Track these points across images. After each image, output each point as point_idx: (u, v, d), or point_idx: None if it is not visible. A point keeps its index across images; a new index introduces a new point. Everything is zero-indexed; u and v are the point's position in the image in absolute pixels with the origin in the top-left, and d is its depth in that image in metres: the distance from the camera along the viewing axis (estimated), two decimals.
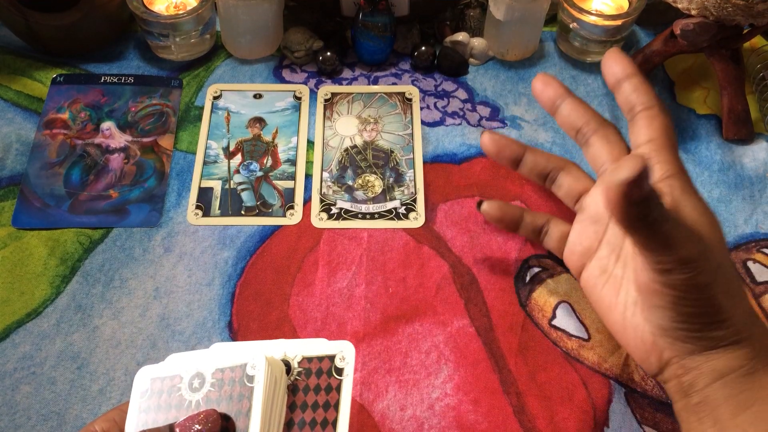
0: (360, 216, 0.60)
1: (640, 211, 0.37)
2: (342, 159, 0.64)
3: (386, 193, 0.62)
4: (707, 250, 0.40)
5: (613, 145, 0.48)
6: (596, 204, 0.48)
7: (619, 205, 0.36)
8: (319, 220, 0.60)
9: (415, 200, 0.61)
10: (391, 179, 0.62)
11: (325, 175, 0.63)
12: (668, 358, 0.43)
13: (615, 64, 0.47)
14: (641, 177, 0.35)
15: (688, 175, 0.44)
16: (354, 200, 0.61)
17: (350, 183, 0.62)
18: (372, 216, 0.60)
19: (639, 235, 0.38)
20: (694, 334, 0.41)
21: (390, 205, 0.61)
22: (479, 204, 0.55)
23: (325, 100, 0.67)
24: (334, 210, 0.60)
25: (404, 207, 0.61)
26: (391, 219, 0.60)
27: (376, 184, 0.62)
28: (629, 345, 0.45)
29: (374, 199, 0.61)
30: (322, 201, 0.61)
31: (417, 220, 0.60)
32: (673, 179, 0.43)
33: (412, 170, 0.63)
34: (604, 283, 0.46)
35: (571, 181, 0.51)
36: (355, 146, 0.64)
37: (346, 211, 0.60)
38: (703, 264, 0.39)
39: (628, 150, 0.47)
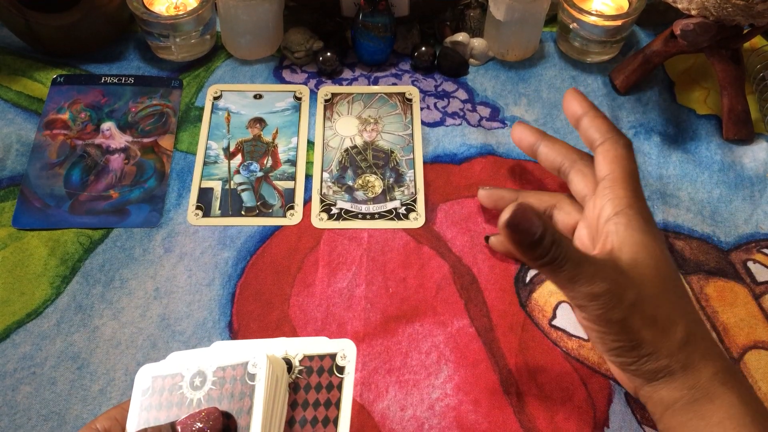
0: (360, 216, 0.60)
1: (532, 253, 0.39)
2: (342, 159, 0.64)
3: (386, 194, 0.62)
4: (619, 287, 0.41)
5: (588, 178, 0.50)
6: (580, 238, 0.50)
7: (512, 247, 0.39)
8: (319, 221, 0.60)
9: (415, 200, 0.61)
10: (391, 179, 0.62)
11: (326, 175, 0.63)
12: (634, 387, 0.45)
13: (573, 103, 0.51)
14: (516, 222, 0.38)
15: (640, 203, 0.45)
16: (354, 200, 0.61)
17: (350, 183, 0.62)
18: (372, 216, 0.60)
19: (543, 274, 0.40)
20: (629, 367, 0.43)
21: (390, 205, 0.61)
22: (487, 238, 0.58)
23: (326, 101, 0.67)
24: (334, 210, 0.60)
25: (404, 207, 0.61)
26: (392, 219, 0.60)
27: (377, 184, 0.62)
28: (614, 373, 0.49)
29: (374, 200, 0.61)
30: (322, 201, 0.61)
31: (417, 220, 0.60)
32: (619, 216, 0.44)
33: (412, 170, 0.63)
34: None
35: (563, 217, 0.53)
36: (355, 146, 0.65)
37: (347, 212, 0.60)
38: (612, 301, 0.40)
39: None
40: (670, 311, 0.42)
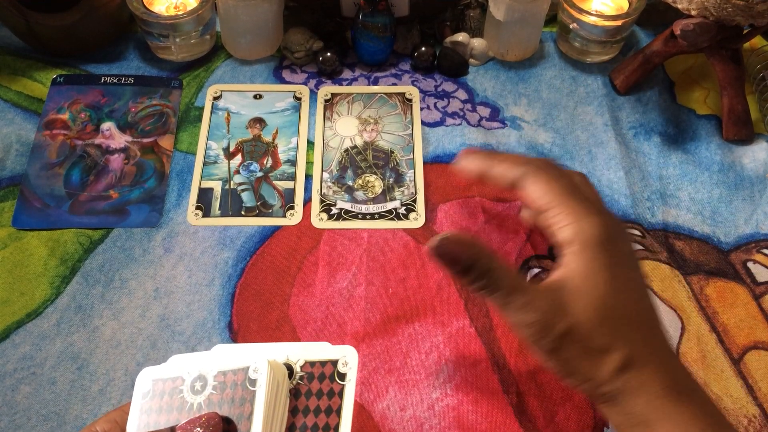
0: (360, 216, 0.60)
1: (462, 280, 0.41)
2: (342, 159, 0.64)
3: (386, 194, 0.62)
4: (549, 317, 0.41)
5: (542, 189, 0.46)
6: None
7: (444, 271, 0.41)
8: (319, 221, 0.60)
9: (415, 200, 0.61)
10: (391, 180, 0.62)
11: (325, 175, 0.63)
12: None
13: (469, 163, 0.49)
14: (441, 254, 0.40)
15: (591, 230, 0.43)
16: (354, 200, 0.61)
17: (350, 183, 0.62)
18: (372, 216, 0.60)
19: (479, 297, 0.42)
20: (578, 388, 0.42)
21: (390, 205, 0.61)
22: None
23: (325, 101, 0.67)
24: (334, 210, 0.60)
25: (404, 207, 0.61)
26: (391, 219, 0.60)
27: (376, 184, 0.62)
28: None
29: (374, 200, 0.61)
30: (322, 201, 0.61)
31: (417, 220, 0.60)
32: (570, 246, 0.43)
33: (412, 171, 0.63)
34: None
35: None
36: (355, 147, 0.64)
37: (347, 212, 0.60)
38: (541, 331, 0.41)
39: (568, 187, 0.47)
40: (608, 341, 0.41)
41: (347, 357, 0.41)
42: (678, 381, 0.42)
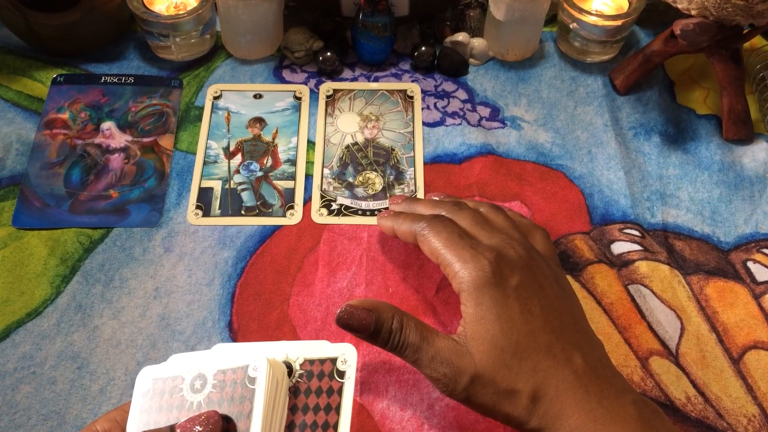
0: (360, 213, 0.60)
1: (373, 343, 0.44)
2: (343, 156, 0.64)
3: (386, 191, 0.62)
4: (455, 369, 0.42)
5: (430, 245, 0.48)
6: None
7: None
8: (319, 216, 0.60)
9: None
10: (392, 177, 0.62)
11: (326, 171, 0.63)
12: None
13: (384, 223, 0.53)
14: (345, 323, 0.43)
15: (470, 276, 0.44)
16: (354, 197, 0.61)
17: (351, 180, 0.62)
18: (372, 213, 0.60)
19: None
20: (510, 427, 0.43)
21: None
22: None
23: (327, 97, 0.68)
24: (334, 206, 0.61)
25: None
26: None
27: (377, 181, 0.62)
28: None
29: (374, 197, 0.61)
30: (322, 197, 0.61)
31: None
32: (461, 295, 0.44)
33: (412, 168, 0.63)
34: None
35: None
36: (356, 143, 0.65)
37: (347, 208, 0.60)
38: (450, 383, 0.43)
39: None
40: (511, 380, 0.42)
41: (346, 355, 0.41)
42: (603, 399, 0.41)
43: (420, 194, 0.61)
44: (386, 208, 0.58)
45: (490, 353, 0.42)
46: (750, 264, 0.58)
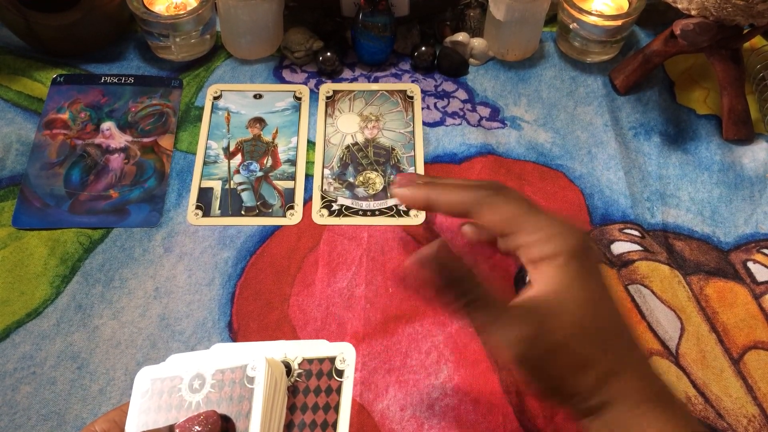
0: (361, 213, 0.60)
1: (455, 290, 0.41)
2: (343, 156, 0.64)
3: (387, 191, 0.62)
4: (533, 332, 0.41)
5: (502, 210, 0.45)
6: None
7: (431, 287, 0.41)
8: (320, 217, 0.60)
9: None
10: (392, 176, 0.62)
11: (327, 171, 0.63)
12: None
13: (412, 193, 0.46)
14: (430, 260, 0.40)
15: (565, 244, 0.42)
16: (355, 197, 0.61)
17: (351, 180, 0.62)
18: (373, 213, 0.60)
19: (458, 316, 0.41)
20: (563, 405, 0.42)
21: (391, 202, 0.61)
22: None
23: (327, 97, 0.68)
24: (335, 206, 0.61)
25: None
26: (392, 216, 0.60)
27: (377, 181, 0.62)
28: None
29: (375, 196, 0.61)
30: (323, 198, 0.61)
31: (417, 217, 0.60)
32: (545, 262, 0.42)
33: (413, 168, 0.63)
34: None
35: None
36: (356, 143, 0.65)
37: (347, 208, 0.60)
38: (528, 347, 0.41)
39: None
40: (590, 353, 0.41)
41: (345, 354, 0.41)
42: (655, 388, 0.42)
43: None
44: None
45: (575, 323, 0.41)
46: (750, 264, 0.58)
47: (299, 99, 0.68)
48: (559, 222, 0.43)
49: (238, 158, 0.63)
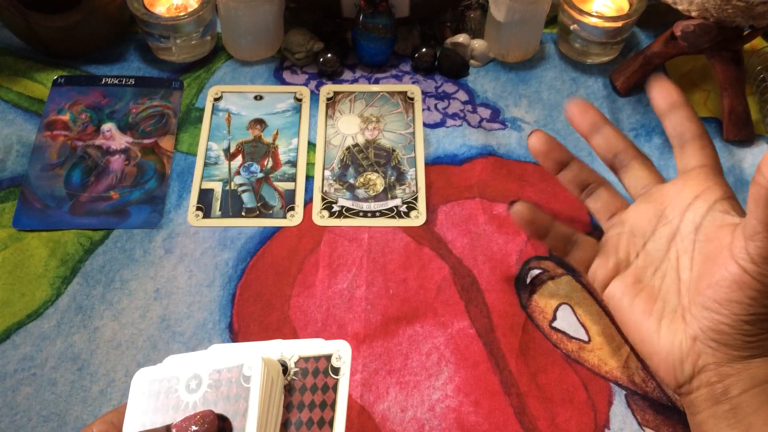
0: (361, 214, 0.60)
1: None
2: (344, 157, 0.64)
3: (387, 192, 0.62)
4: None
5: (652, 170, 0.51)
6: (639, 218, 0.49)
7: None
8: (320, 218, 0.60)
9: (416, 199, 0.61)
10: (393, 178, 0.62)
11: (327, 173, 0.63)
12: (703, 365, 0.43)
13: (662, 94, 0.51)
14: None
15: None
16: (355, 198, 0.61)
17: (352, 181, 0.62)
18: (373, 214, 0.60)
19: None
20: (751, 339, 0.42)
21: (391, 203, 0.61)
22: (511, 203, 0.53)
23: (328, 99, 0.68)
24: (335, 208, 0.61)
25: (405, 205, 0.61)
26: (393, 217, 0.60)
27: (378, 182, 0.62)
28: (659, 354, 0.46)
29: (376, 198, 0.61)
30: (323, 199, 0.61)
31: (418, 218, 0.60)
32: (730, 200, 0.46)
33: (413, 169, 0.63)
34: (636, 294, 0.47)
35: (608, 197, 0.52)
36: (356, 145, 0.65)
37: (348, 209, 0.60)
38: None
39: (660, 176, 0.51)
40: None
41: (341, 351, 0.41)
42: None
43: (421, 195, 0.61)
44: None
45: None
46: None
47: (300, 100, 0.68)
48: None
49: (239, 159, 0.63)
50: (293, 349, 0.42)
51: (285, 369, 0.41)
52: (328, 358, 0.41)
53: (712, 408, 0.43)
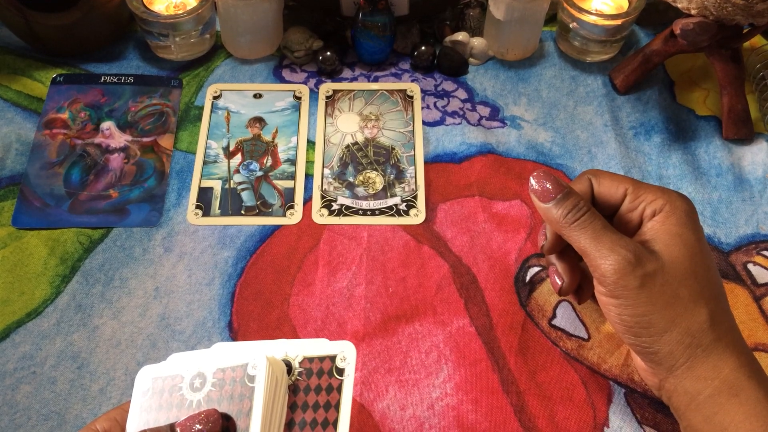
0: (361, 212, 0.60)
1: (564, 204, 0.45)
2: (343, 155, 0.64)
3: (387, 190, 0.62)
4: (641, 254, 0.43)
5: (614, 181, 0.49)
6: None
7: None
8: (320, 216, 0.60)
9: (415, 197, 0.61)
10: (392, 176, 0.62)
11: (326, 171, 0.63)
12: (658, 380, 0.45)
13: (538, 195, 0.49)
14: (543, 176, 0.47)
15: (681, 203, 0.46)
16: (355, 196, 0.61)
17: (351, 179, 0.62)
18: (373, 212, 0.60)
19: (569, 231, 0.45)
20: (649, 350, 0.43)
21: (391, 201, 0.61)
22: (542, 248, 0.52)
23: (327, 97, 0.68)
24: (335, 206, 0.61)
25: (405, 204, 0.61)
26: (392, 215, 0.60)
27: (377, 180, 0.62)
28: (639, 369, 0.48)
29: (375, 196, 0.61)
30: (323, 197, 0.61)
31: (417, 216, 0.60)
32: (663, 213, 0.45)
33: (413, 167, 0.63)
34: None
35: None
36: (356, 143, 0.65)
37: (347, 207, 0.60)
38: (631, 265, 0.42)
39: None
40: (696, 292, 0.43)
41: (345, 352, 0.41)
42: (752, 356, 0.43)
43: (420, 194, 0.61)
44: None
45: (683, 261, 0.43)
46: (750, 266, 0.58)
47: (299, 98, 0.68)
48: (666, 190, 0.47)
49: (238, 158, 0.63)
50: (298, 349, 0.42)
51: (289, 369, 0.41)
52: (333, 358, 0.41)
53: (680, 424, 0.45)
